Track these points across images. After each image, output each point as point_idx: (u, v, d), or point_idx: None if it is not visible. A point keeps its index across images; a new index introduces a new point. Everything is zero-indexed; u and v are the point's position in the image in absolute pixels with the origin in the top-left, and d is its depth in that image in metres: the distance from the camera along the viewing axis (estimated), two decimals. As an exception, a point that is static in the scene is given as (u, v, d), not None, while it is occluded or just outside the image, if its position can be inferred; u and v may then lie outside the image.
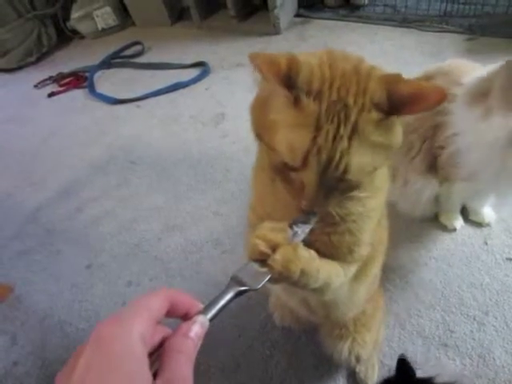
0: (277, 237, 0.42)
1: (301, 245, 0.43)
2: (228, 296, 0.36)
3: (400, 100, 0.37)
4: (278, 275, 0.41)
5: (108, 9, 2.56)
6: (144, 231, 1.34)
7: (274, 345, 0.99)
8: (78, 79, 2.24)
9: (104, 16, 2.58)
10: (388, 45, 2.00)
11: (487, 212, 1.15)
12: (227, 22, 2.38)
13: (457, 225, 1.15)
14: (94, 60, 2.30)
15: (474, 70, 0.93)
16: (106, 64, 2.30)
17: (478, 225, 1.16)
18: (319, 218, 0.45)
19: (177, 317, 0.34)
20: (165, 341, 0.32)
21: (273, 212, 0.51)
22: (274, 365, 0.96)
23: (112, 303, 1.14)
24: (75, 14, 2.54)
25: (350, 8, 2.32)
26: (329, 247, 0.49)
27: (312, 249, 0.46)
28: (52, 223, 1.44)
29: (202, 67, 2.09)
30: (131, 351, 0.28)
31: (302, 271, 0.42)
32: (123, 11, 2.65)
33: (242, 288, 0.38)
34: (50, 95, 2.17)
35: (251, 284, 0.39)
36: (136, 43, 2.42)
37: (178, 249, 1.26)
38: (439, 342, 0.94)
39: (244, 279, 0.39)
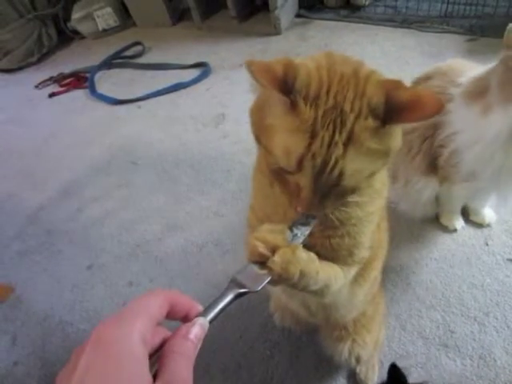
0: (276, 239, 0.42)
1: (300, 247, 0.43)
2: (228, 298, 0.36)
3: (397, 106, 0.37)
4: (278, 277, 0.41)
5: (109, 9, 2.56)
6: (145, 232, 1.34)
7: (275, 345, 0.99)
8: (79, 80, 2.24)
9: (105, 16, 2.58)
10: (389, 45, 2.00)
11: (488, 213, 1.15)
12: (228, 23, 2.38)
13: (457, 225, 1.15)
14: (95, 60, 2.31)
15: (473, 70, 0.93)
16: (107, 64, 2.31)
17: (479, 225, 1.16)
18: (319, 222, 0.45)
19: (176, 319, 0.34)
20: (165, 342, 0.32)
21: (272, 214, 0.51)
22: (275, 365, 0.96)
23: (113, 303, 1.15)
24: (76, 15, 2.54)
25: (351, 9, 2.32)
26: (329, 250, 0.49)
27: (312, 252, 0.46)
28: (53, 224, 1.44)
29: (203, 68, 2.09)
30: (131, 353, 0.28)
31: (302, 273, 0.42)
32: (124, 12, 2.66)
33: (242, 290, 0.38)
34: (51, 96, 2.17)
35: (251, 286, 0.39)
36: (137, 44, 2.42)
37: (179, 249, 1.26)
38: (440, 343, 0.94)
39: (244, 281, 0.39)
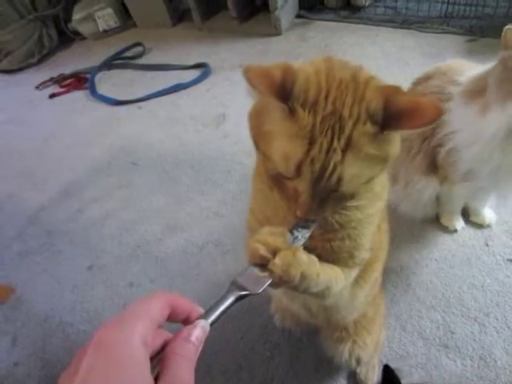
0: (277, 241, 0.42)
1: (301, 249, 0.43)
2: (229, 301, 0.37)
3: (396, 112, 0.37)
4: (279, 279, 0.41)
5: (109, 10, 2.56)
6: (145, 232, 1.34)
7: (276, 346, 0.99)
8: (79, 80, 2.24)
9: (105, 17, 2.58)
10: (389, 46, 2.00)
11: (488, 213, 1.15)
12: (228, 24, 2.38)
13: (458, 226, 1.15)
14: (95, 61, 2.31)
15: (472, 70, 0.93)
16: (107, 65, 2.31)
17: (479, 226, 1.16)
18: (319, 225, 0.45)
19: (178, 321, 0.34)
20: (166, 345, 0.32)
21: (272, 217, 0.51)
22: (276, 366, 0.96)
23: (113, 304, 1.15)
24: (77, 16, 2.54)
25: (351, 9, 2.33)
26: (329, 253, 0.49)
27: (313, 254, 0.46)
28: (53, 224, 1.44)
29: (203, 68, 2.09)
30: (132, 355, 0.28)
31: (303, 275, 0.42)
32: (124, 13, 2.66)
33: (243, 293, 0.38)
34: (51, 96, 2.17)
35: (252, 288, 0.39)
36: (137, 44, 2.42)
37: (179, 250, 1.26)
38: (440, 343, 0.94)
39: (244, 284, 0.39)
